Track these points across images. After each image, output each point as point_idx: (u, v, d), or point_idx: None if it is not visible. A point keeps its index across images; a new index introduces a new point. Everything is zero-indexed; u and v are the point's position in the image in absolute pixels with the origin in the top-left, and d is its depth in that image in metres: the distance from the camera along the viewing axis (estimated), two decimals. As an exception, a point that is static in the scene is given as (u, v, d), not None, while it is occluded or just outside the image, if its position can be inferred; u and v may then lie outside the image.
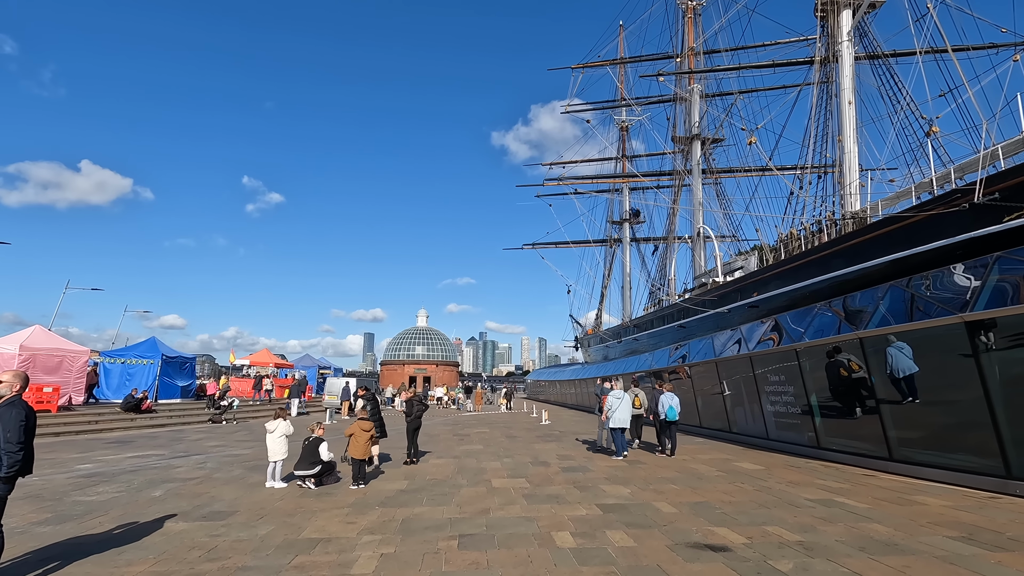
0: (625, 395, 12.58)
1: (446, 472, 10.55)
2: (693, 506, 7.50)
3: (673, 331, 33.31)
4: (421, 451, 12.96)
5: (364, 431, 9.46)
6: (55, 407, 17.50)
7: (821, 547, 5.58)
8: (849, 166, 22.89)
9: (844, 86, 23.41)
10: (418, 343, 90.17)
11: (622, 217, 53.65)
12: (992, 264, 8.56)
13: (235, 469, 10.90)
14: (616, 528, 6.43)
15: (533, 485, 9.18)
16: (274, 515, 7.23)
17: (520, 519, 6.92)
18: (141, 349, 24.10)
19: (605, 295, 56.63)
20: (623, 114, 52.20)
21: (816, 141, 25.43)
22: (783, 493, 8.25)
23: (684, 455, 12.57)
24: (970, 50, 23.69)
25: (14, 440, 4.35)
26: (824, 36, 25.34)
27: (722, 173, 39.16)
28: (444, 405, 39.11)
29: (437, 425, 22.10)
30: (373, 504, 7.85)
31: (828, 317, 11.99)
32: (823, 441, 11.59)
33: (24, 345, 17.55)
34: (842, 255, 18.84)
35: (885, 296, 10.48)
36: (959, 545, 5.55)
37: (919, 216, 15.40)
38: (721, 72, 34.88)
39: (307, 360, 40.48)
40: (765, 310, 21.95)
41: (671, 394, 12.91)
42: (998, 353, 8.14)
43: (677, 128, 41.60)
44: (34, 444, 4.68)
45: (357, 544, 5.92)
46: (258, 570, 5.10)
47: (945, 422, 9.23)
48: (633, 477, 9.84)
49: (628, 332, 44.87)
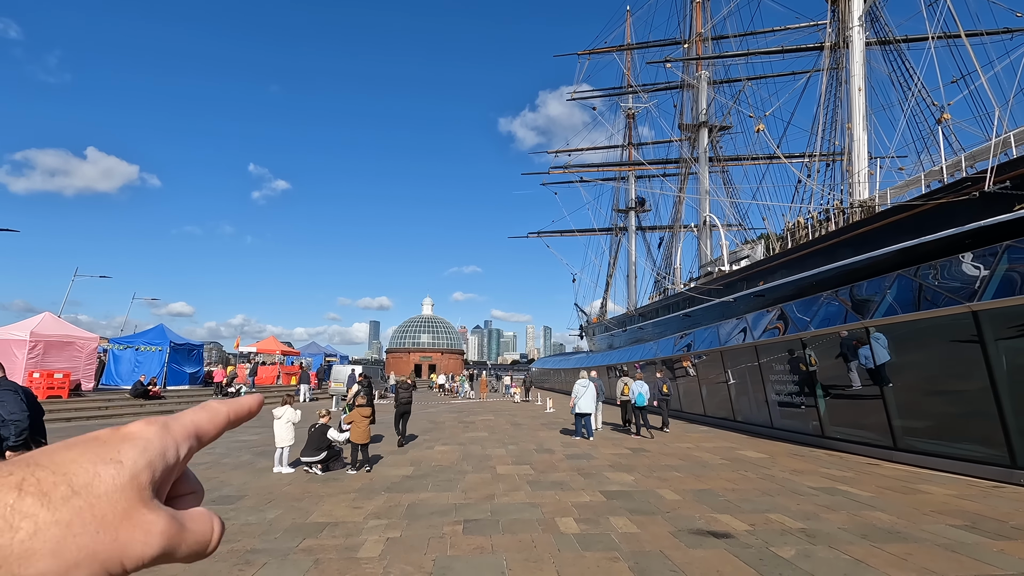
0: (590, 384, 13.66)
1: (451, 458, 10.65)
2: (696, 493, 7.55)
3: (678, 320, 33.26)
4: (425, 438, 13.21)
5: (364, 417, 9.65)
6: (66, 393, 17.74)
7: (823, 534, 5.62)
8: (858, 154, 22.62)
9: (854, 72, 23.05)
10: (423, 331, 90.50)
11: (628, 205, 53.33)
12: (1002, 253, 8.48)
13: (243, 454, 11.04)
14: (619, 514, 6.49)
15: (537, 472, 9.26)
16: (282, 500, 7.34)
17: (524, 505, 7.00)
18: (149, 336, 24.32)
19: (610, 284, 56.49)
20: (630, 101, 51.68)
21: (825, 128, 25.12)
22: (786, 481, 8.29)
23: (688, 443, 12.64)
24: (984, 35, 23.25)
25: (17, 410, 4.47)
26: (835, 21, 24.91)
27: (729, 161, 38.79)
28: (447, 392, 39.35)
29: (442, 412, 22.25)
30: (379, 489, 7.95)
31: (835, 306, 11.95)
32: (827, 430, 11.61)
33: (34, 332, 17.76)
34: (850, 244, 18.70)
35: (892, 285, 10.43)
36: (962, 533, 5.57)
37: (928, 205, 15.23)
38: (729, 58, 34.41)
39: (313, 348, 40.77)
40: (771, 299, 21.86)
41: (640, 382, 14.31)
42: (1005, 343, 8.10)
43: (684, 115, 41.18)
44: (47, 429, 4.77)
45: (363, 528, 6.00)
46: (267, 553, 5.20)
47: (950, 412, 9.22)
48: (637, 464, 9.90)
49: (633, 321, 44.84)
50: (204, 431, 0.43)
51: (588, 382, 13.67)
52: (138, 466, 0.37)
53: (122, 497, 0.35)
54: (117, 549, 0.34)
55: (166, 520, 0.37)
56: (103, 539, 0.34)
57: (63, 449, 0.36)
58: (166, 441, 0.39)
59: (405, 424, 12.68)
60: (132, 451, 0.37)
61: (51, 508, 0.33)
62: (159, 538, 0.36)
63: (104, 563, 0.34)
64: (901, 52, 23.71)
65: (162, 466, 0.38)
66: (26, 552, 0.31)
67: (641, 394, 13.88)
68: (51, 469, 0.34)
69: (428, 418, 19.46)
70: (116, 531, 0.34)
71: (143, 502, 0.36)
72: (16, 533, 0.31)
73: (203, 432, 0.43)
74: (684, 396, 19.16)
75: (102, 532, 0.34)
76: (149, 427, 0.39)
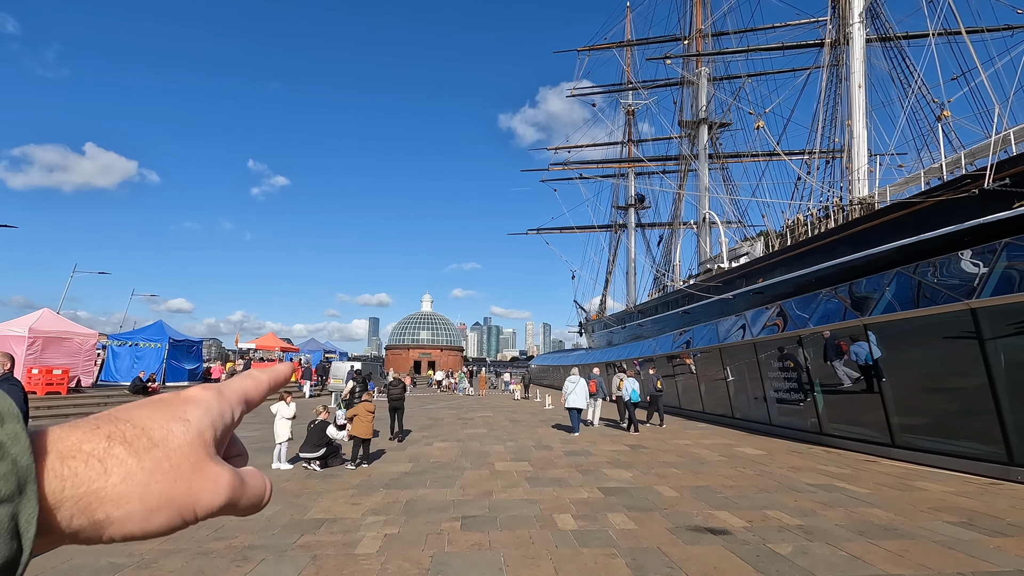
0: (580, 380, 14.31)
1: (450, 455, 10.66)
2: (694, 490, 7.56)
3: (677, 317, 33.25)
4: (424, 434, 13.26)
5: (367, 411, 9.68)
6: (65, 389, 17.72)
7: (821, 531, 5.63)
8: (858, 151, 22.57)
9: (854, 69, 22.98)
10: (423, 328, 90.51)
11: (627, 202, 53.23)
12: (1000, 251, 8.48)
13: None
14: (617, 511, 6.50)
15: (536, 468, 9.27)
16: (280, 496, 7.34)
17: (522, 501, 7.01)
18: (149, 332, 24.32)
19: (610, 281, 56.42)
20: (629, 98, 51.54)
21: (824, 125, 25.07)
22: (784, 478, 8.30)
23: (686, 440, 12.66)
24: (984, 32, 23.18)
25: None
26: (835, 18, 24.84)
27: (729, 158, 38.71)
28: (444, 389, 39.35)
29: (441, 409, 22.27)
30: (377, 486, 7.96)
31: (834, 303, 11.95)
32: (825, 427, 11.63)
33: (33, 328, 17.73)
34: (849, 241, 18.68)
35: (891, 282, 10.43)
36: (958, 530, 5.58)
37: (928, 202, 15.21)
38: (729, 55, 34.27)
39: (313, 344, 40.80)
40: (770, 296, 21.86)
41: (633, 379, 14.71)
42: (1003, 340, 8.10)
43: (684, 112, 41.06)
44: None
45: (362, 524, 6.01)
46: (265, 549, 5.20)
47: (948, 409, 9.23)
48: (635, 461, 9.91)
49: (632, 318, 44.82)
50: (251, 396, 0.47)
51: (578, 378, 14.33)
52: (203, 424, 0.40)
53: (192, 451, 0.39)
54: (191, 497, 0.38)
55: (230, 473, 0.41)
56: (180, 487, 0.38)
57: (135, 408, 0.40)
58: (223, 404, 0.43)
59: (399, 420, 12.96)
60: (196, 411, 0.41)
61: (137, 457, 0.36)
62: (226, 488, 0.40)
63: (180, 509, 0.38)
64: (901, 49, 23.64)
65: (221, 426, 0.42)
66: (120, 495, 0.35)
67: (634, 391, 14.28)
68: (131, 423, 0.38)
69: (427, 415, 19.48)
70: (189, 481, 0.38)
71: (210, 456, 0.40)
72: (110, 477, 0.35)
73: (251, 398, 0.46)
74: (683, 393, 19.18)
75: (179, 481, 0.38)
76: (207, 392, 0.43)
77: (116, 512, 0.35)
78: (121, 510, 0.35)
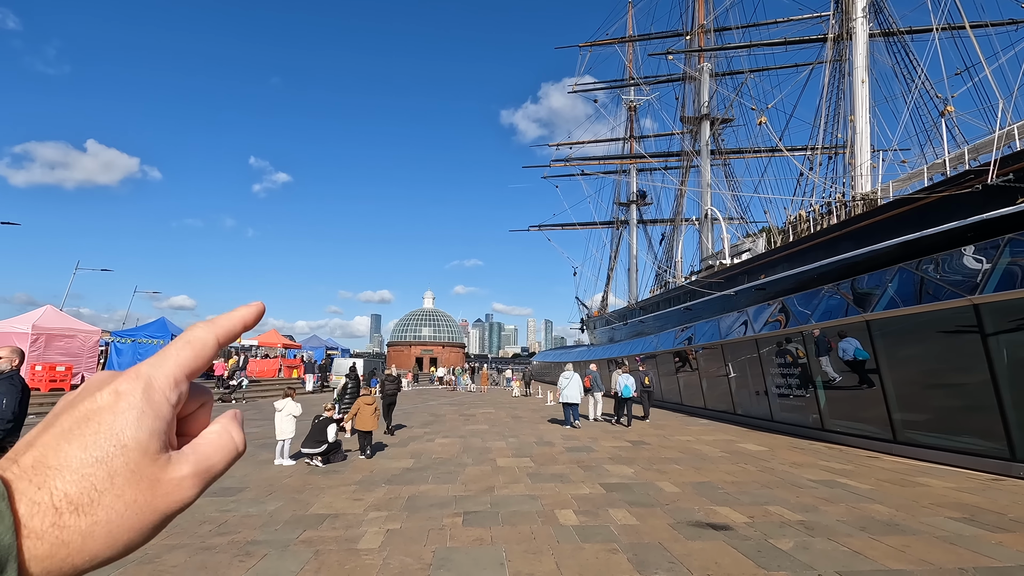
0: (574, 375, 14.91)
1: (452, 451, 10.68)
2: (696, 486, 7.57)
3: (679, 313, 33.21)
4: (425, 431, 13.29)
5: (368, 405, 9.91)
6: (68, 386, 17.79)
7: (822, 527, 5.63)
8: (860, 147, 22.47)
9: (857, 64, 22.87)
10: (425, 324, 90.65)
11: (629, 199, 53.14)
12: (1004, 246, 8.45)
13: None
14: (619, 507, 6.51)
15: (537, 464, 9.29)
16: (283, 491, 7.37)
17: (524, 497, 7.02)
18: (151, 329, 24.35)
19: (611, 277, 56.40)
20: (631, 93, 51.39)
21: (827, 121, 24.95)
22: (786, 474, 8.31)
23: (688, 436, 12.66)
24: (989, 27, 23.03)
25: (8, 412, 4.46)
26: (838, 13, 24.69)
27: (731, 154, 38.60)
28: (446, 385, 39.41)
29: (443, 405, 22.30)
30: (379, 482, 7.98)
31: (836, 299, 11.93)
32: (827, 423, 11.63)
33: (36, 325, 17.79)
34: (851, 237, 18.62)
35: (894, 278, 10.41)
36: (960, 526, 5.58)
37: (930, 198, 15.15)
38: (731, 50, 34.12)
39: (315, 341, 40.80)
40: (772, 292, 21.81)
41: (627, 375, 15.25)
42: (1006, 336, 8.08)
43: (686, 108, 40.91)
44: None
45: (364, 520, 6.03)
46: (267, 544, 5.22)
47: (950, 405, 9.22)
48: (637, 457, 9.92)
49: (634, 314, 44.79)
50: (194, 369, 0.41)
51: (572, 374, 14.98)
52: (141, 441, 0.37)
53: (142, 475, 0.37)
54: (160, 513, 0.37)
55: (190, 466, 0.39)
56: (144, 513, 0.36)
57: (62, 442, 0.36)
58: (155, 401, 0.38)
59: (390, 414, 13.72)
60: (129, 429, 0.37)
61: (88, 515, 0.34)
62: (191, 481, 0.39)
63: (154, 524, 0.37)
64: (905, 44, 23.50)
65: (163, 426, 0.38)
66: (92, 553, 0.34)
67: (627, 386, 14.93)
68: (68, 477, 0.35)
69: (429, 411, 19.51)
70: (152, 503, 0.37)
71: (160, 467, 0.37)
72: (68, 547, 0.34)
73: (193, 371, 0.41)
74: (684, 389, 19.18)
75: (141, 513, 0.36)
76: (131, 394, 0.37)
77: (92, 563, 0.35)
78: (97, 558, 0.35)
